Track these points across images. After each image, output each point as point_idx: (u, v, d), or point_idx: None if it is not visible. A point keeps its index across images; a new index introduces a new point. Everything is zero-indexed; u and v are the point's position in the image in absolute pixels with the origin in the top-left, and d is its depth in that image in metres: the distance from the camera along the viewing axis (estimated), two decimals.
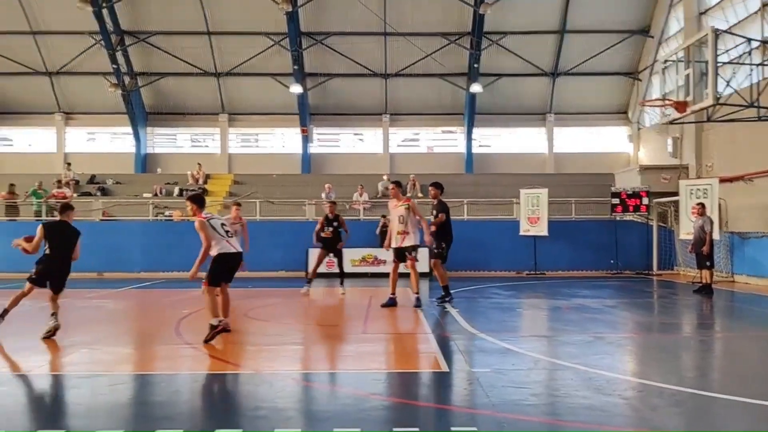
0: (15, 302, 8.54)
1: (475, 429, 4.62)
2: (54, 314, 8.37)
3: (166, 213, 22.78)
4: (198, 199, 8.57)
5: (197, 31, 26.78)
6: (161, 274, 19.88)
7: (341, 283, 14.79)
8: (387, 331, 9.44)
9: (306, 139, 28.49)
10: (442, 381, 6.14)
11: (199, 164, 26.51)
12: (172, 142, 29.96)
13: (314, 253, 19.66)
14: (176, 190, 25.11)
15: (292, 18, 25.39)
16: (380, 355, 7.57)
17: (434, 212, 12.07)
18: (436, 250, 11.84)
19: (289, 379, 6.30)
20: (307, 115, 28.20)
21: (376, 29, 26.48)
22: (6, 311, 8.53)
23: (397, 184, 11.78)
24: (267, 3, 25.38)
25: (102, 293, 15.11)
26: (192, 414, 5.15)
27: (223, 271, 8.32)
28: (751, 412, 5.11)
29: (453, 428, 4.61)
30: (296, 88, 26.90)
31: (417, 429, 4.60)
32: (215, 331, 7.94)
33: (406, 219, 11.19)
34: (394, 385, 6.07)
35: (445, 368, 6.55)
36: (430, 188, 12.12)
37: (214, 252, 8.21)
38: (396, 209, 11.40)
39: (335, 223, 14.67)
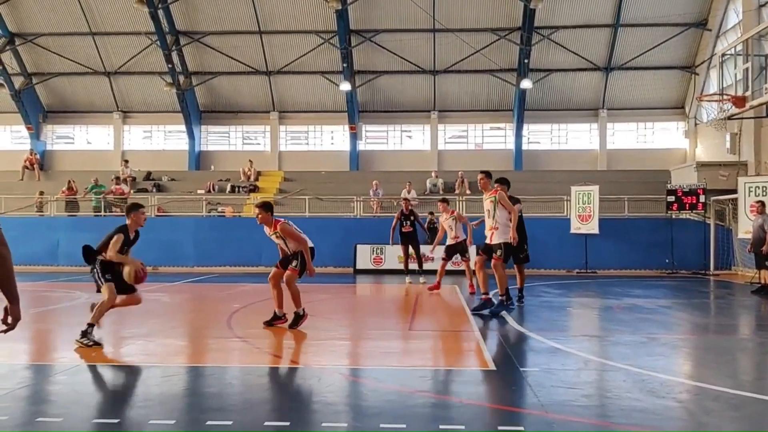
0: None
1: (522, 428, 4.57)
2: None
3: (219, 209, 23.27)
4: (269, 206, 8.79)
5: (249, 31, 27.21)
6: (214, 269, 20.36)
7: (420, 274, 15.75)
8: (434, 328, 9.44)
9: (354, 136, 28.64)
10: (490, 379, 6.09)
11: (250, 161, 26.99)
12: (224, 139, 30.54)
13: (364, 251, 20.05)
14: (228, 187, 25.62)
15: (342, 16, 25.55)
16: (427, 352, 7.57)
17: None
18: (521, 255, 11.58)
19: (336, 374, 6.36)
20: (355, 112, 28.34)
21: (425, 26, 26.40)
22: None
23: (486, 174, 10.36)
24: (317, 1, 25.63)
25: (156, 287, 15.53)
26: (242, 406, 5.24)
27: (309, 263, 8.69)
28: None
29: (500, 427, 4.57)
30: (345, 86, 27.06)
31: (463, 427, 4.59)
32: (302, 318, 8.64)
33: (494, 213, 10.04)
34: (440, 383, 6.06)
35: (492, 366, 6.49)
36: (495, 185, 11.43)
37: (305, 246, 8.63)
38: (484, 202, 10.33)
39: (411, 218, 15.92)
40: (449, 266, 14.07)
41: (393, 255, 18.95)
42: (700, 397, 5.55)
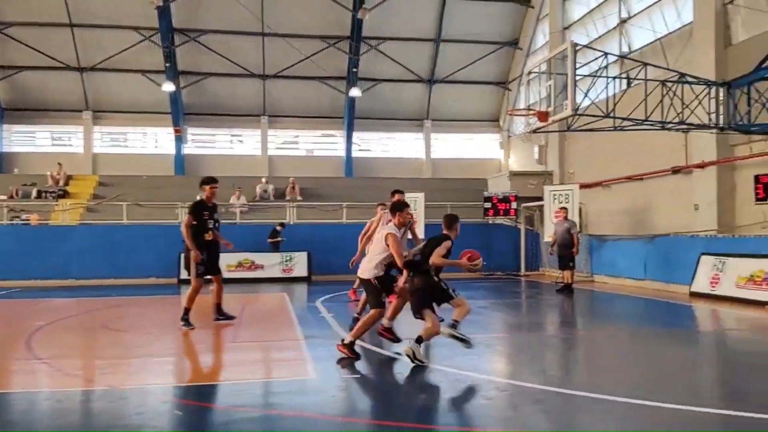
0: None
1: None
2: None
3: (23, 217, 21.03)
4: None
5: (59, 23, 25.00)
6: (17, 283, 18.29)
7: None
8: (258, 339, 9.16)
9: (179, 139, 27.36)
10: (310, 389, 5.97)
11: (59, 164, 24.70)
12: (30, 140, 27.77)
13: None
14: (34, 192, 23.27)
15: (164, 13, 24.33)
16: (249, 365, 7.29)
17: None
18: None
19: (147, 394, 5.91)
20: (180, 114, 27.10)
21: (254, 29, 25.93)
22: None
23: None
24: None
25: None
26: None
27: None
28: (610, 409, 5.36)
29: None
30: (168, 86, 25.76)
31: None
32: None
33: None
34: (259, 396, 5.84)
35: (313, 376, 6.41)
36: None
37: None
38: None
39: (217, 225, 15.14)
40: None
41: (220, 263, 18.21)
42: (508, 393, 5.86)
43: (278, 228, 19.99)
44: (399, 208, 7.60)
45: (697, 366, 7.43)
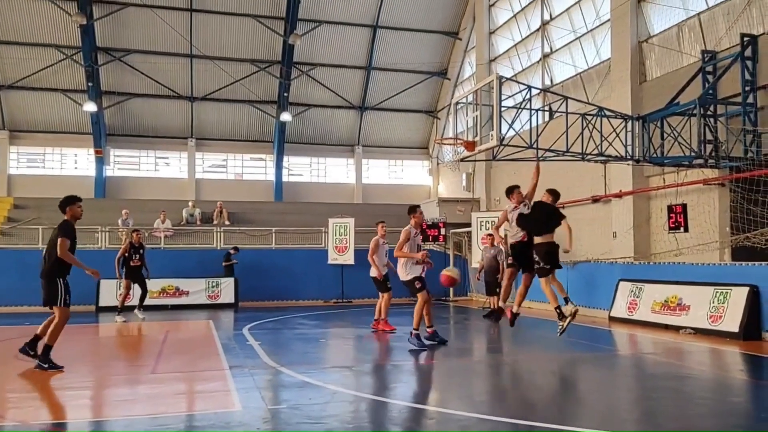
0: None
1: None
2: None
3: None
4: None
5: None
6: None
7: (140, 309, 15.19)
8: (180, 369, 8.86)
9: (101, 160, 26.48)
10: (234, 421, 5.80)
11: None
12: None
13: (109, 286, 18.30)
14: None
15: (87, 31, 23.65)
16: (169, 397, 7.02)
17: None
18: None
19: (60, 430, 5.62)
20: (102, 135, 26.26)
21: (182, 50, 25.56)
22: None
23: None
24: (57, 13, 23.51)
25: None
26: None
27: None
28: None
29: None
30: (90, 106, 24.95)
31: None
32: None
33: None
34: (180, 430, 5.64)
35: (238, 407, 6.24)
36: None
37: None
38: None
39: (141, 251, 15.13)
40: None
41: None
42: (434, 421, 5.88)
43: (232, 252, 19.82)
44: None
45: (612, 390, 7.66)
